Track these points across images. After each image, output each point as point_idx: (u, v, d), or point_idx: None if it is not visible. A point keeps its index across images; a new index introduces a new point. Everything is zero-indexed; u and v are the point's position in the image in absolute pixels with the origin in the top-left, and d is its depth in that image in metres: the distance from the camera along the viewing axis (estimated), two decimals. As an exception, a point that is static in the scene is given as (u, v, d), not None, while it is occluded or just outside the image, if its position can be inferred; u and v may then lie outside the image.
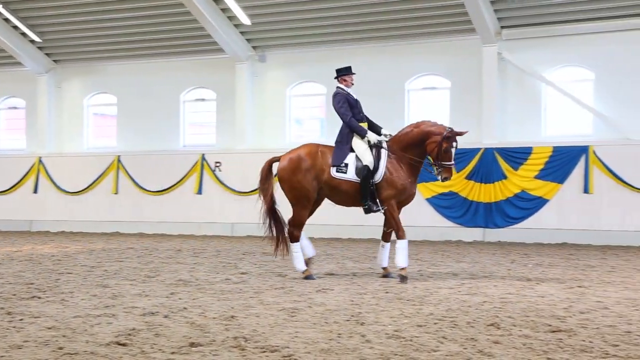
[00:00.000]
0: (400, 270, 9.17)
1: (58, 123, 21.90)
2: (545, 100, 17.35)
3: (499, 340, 5.51)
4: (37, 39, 21.00)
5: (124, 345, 5.32)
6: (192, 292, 8.13)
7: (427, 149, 9.31)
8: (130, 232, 19.82)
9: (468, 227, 16.98)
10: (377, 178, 9.30)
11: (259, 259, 12.06)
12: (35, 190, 21.33)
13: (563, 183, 16.33)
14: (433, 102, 18.25)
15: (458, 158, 9.36)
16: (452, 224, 17.15)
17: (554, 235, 16.26)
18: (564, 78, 17.16)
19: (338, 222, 16.27)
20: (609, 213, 16.02)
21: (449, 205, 17.13)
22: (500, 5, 16.93)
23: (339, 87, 9.70)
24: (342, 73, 9.74)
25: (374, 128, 9.67)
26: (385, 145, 9.46)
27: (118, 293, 8.00)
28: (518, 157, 16.68)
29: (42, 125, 21.75)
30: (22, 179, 21.48)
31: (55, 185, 21.08)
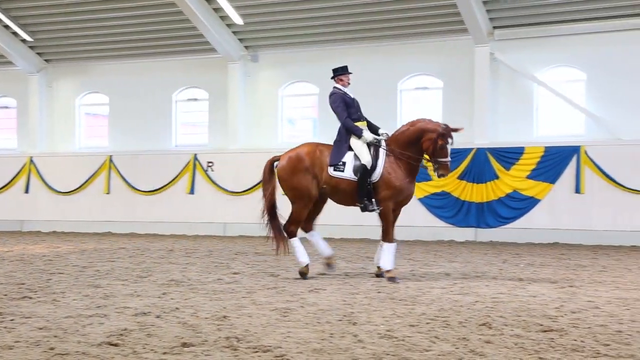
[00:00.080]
0: (386, 273, 9.22)
1: (49, 123, 21.82)
2: (537, 101, 17.40)
3: (491, 340, 5.52)
4: (28, 39, 20.92)
5: (116, 346, 5.31)
6: (184, 292, 8.12)
7: (423, 147, 9.31)
8: (122, 232, 19.77)
9: (460, 227, 17.02)
10: (374, 177, 9.30)
11: (252, 259, 12.05)
12: (27, 190, 21.24)
13: (555, 183, 16.38)
14: (426, 102, 18.28)
15: (450, 158, 9.35)
16: (444, 224, 17.18)
17: (546, 235, 16.30)
18: (556, 78, 17.22)
19: (331, 222, 16.21)
20: (601, 213, 16.08)
21: (442, 205, 17.16)
22: (493, 6, 16.97)
23: (336, 87, 9.71)
24: (338, 73, 9.74)
25: (372, 128, 9.68)
26: (384, 144, 9.46)
27: (110, 293, 7.97)
28: (510, 157, 16.72)
29: (33, 125, 21.67)
30: (13, 179, 21.39)
31: (47, 185, 21.00)
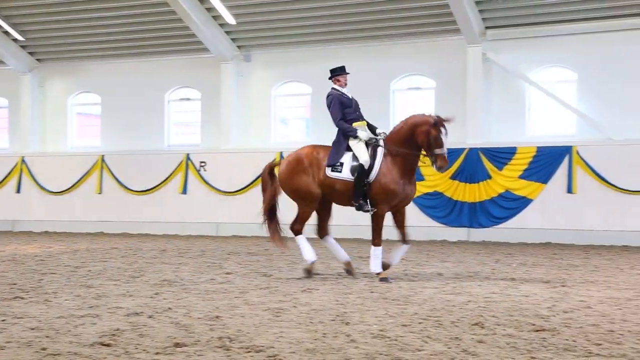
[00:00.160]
0: (377, 275, 9.25)
1: (41, 122, 21.75)
2: (529, 101, 17.45)
3: (483, 340, 5.53)
4: (20, 38, 20.84)
5: (108, 346, 5.30)
6: (176, 292, 8.10)
7: (418, 141, 9.27)
8: (115, 232, 19.71)
9: (453, 226, 17.04)
10: (371, 177, 9.29)
11: (244, 259, 12.04)
12: (18, 190, 21.16)
13: (547, 183, 16.43)
14: (418, 102, 18.28)
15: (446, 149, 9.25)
16: (436, 224, 17.21)
17: (538, 235, 16.35)
18: (548, 78, 17.28)
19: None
20: (592, 213, 16.13)
21: (434, 205, 17.18)
22: (485, 6, 17.01)
23: (333, 87, 9.71)
24: (335, 73, 9.75)
25: (371, 128, 9.67)
26: (382, 144, 9.43)
27: (102, 293, 7.95)
28: (502, 157, 16.76)
29: (25, 125, 21.58)
30: (4, 179, 21.30)
31: (39, 185, 20.93)
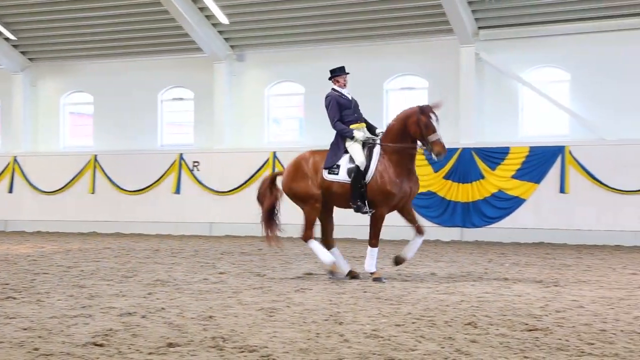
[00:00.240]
0: (371, 275, 9.25)
1: (33, 122, 21.67)
2: (522, 101, 17.49)
3: (476, 339, 5.54)
4: (12, 37, 20.75)
5: (101, 346, 5.28)
6: (169, 292, 8.09)
7: (411, 133, 9.26)
8: (107, 231, 19.66)
9: (446, 226, 17.07)
10: (367, 178, 9.27)
11: (238, 259, 12.03)
12: (11, 190, 21.08)
13: (540, 183, 16.47)
14: (411, 102, 18.22)
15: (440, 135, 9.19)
16: (430, 224, 17.15)
17: (531, 235, 16.39)
18: (541, 79, 17.32)
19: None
20: (585, 213, 16.18)
21: (427, 205, 17.19)
22: (478, 6, 17.04)
23: (333, 88, 9.70)
24: (335, 74, 9.74)
25: (371, 128, 9.67)
26: (379, 143, 9.42)
27: (95, 293, 7.93)
28: (495, 157, 16.79)
29: (17, 124, 21.50)
30: (-4, 179, 21.28)
31: (31, 185, 20.86)
